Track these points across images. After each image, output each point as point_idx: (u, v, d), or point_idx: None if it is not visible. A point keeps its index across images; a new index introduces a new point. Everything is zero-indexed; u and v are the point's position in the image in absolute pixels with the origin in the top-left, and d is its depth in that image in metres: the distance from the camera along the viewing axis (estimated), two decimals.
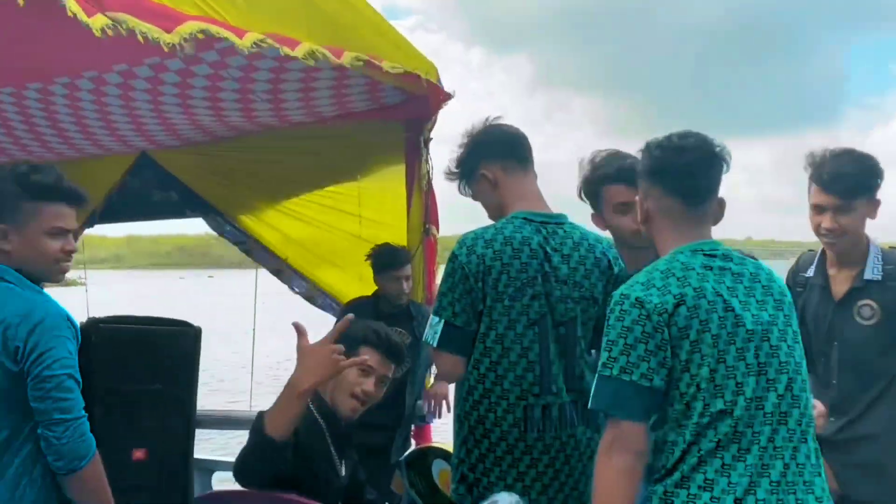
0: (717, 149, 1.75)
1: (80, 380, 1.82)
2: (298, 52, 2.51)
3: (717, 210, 1.78)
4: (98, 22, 2.00)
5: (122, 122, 3.52)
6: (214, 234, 4.56)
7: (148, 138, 3.89)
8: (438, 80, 3.28)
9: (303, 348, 2.01)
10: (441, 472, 3.43)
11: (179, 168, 4.24)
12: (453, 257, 2.06)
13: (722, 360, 1.61)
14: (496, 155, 2.16)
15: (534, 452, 2.01)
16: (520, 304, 2.01)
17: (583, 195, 2.26)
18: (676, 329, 1.61)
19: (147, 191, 4.37)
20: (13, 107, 3.35)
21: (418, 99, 3.29)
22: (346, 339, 2.22)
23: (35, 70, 2.94)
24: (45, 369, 1.76)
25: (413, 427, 3.68)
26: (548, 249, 2.05)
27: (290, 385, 1.99)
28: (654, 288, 1.64)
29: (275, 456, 1.99)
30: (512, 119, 2.22)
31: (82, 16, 1.95)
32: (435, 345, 2.05)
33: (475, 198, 2.24)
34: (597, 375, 1.65)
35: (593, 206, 2.25)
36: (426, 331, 2.10)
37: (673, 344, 1.61)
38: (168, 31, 2.13)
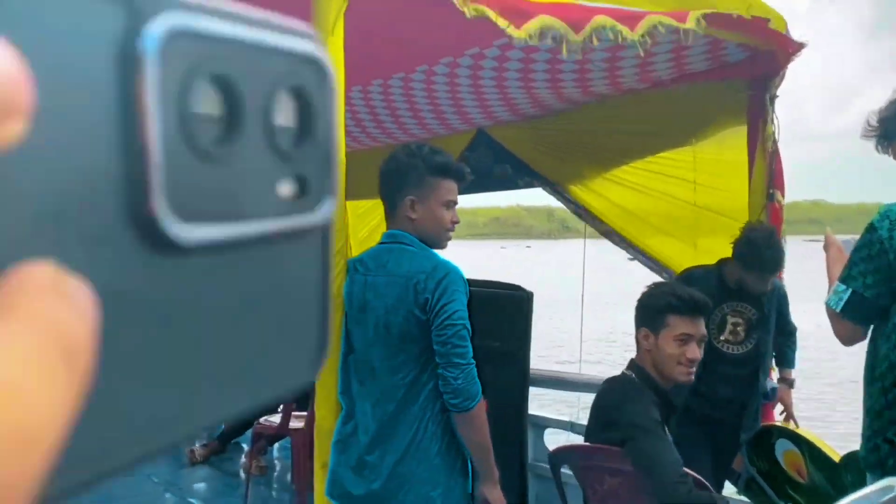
0: None
1: (471, 331, 2.04)
2: (636, 34, 2.49)
3: None
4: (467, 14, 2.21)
5: (469, 101, 3.82)
6: (524, 206, 4.74)
7: (489, 115, 4.17)
8: (787, 31, 3.04)
9: None
10: (786, 453, 3.21)
11: (513, 142, 4.47)
12: (872, 229, 1.91)
13: None
14: None
15: None
16: None
17: None
18: None
19: (484, 165, 4.70)
20: (380, 96, 3.84)
21: (764, 54, 3.07)
22: (650, 311, 2.28)
23: (397, 62, 3.33)
24: (447, 319, 2.00)
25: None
26: None
27: None
28: None
29: None
30: (849, 67, 1.97)
31: (461, 4, 2.16)
32: (838, 311, 1.95)
33: None
34: None
35: None
36: (829, 295, 1.99)
37: None
38: (518, 27, 2.28)
